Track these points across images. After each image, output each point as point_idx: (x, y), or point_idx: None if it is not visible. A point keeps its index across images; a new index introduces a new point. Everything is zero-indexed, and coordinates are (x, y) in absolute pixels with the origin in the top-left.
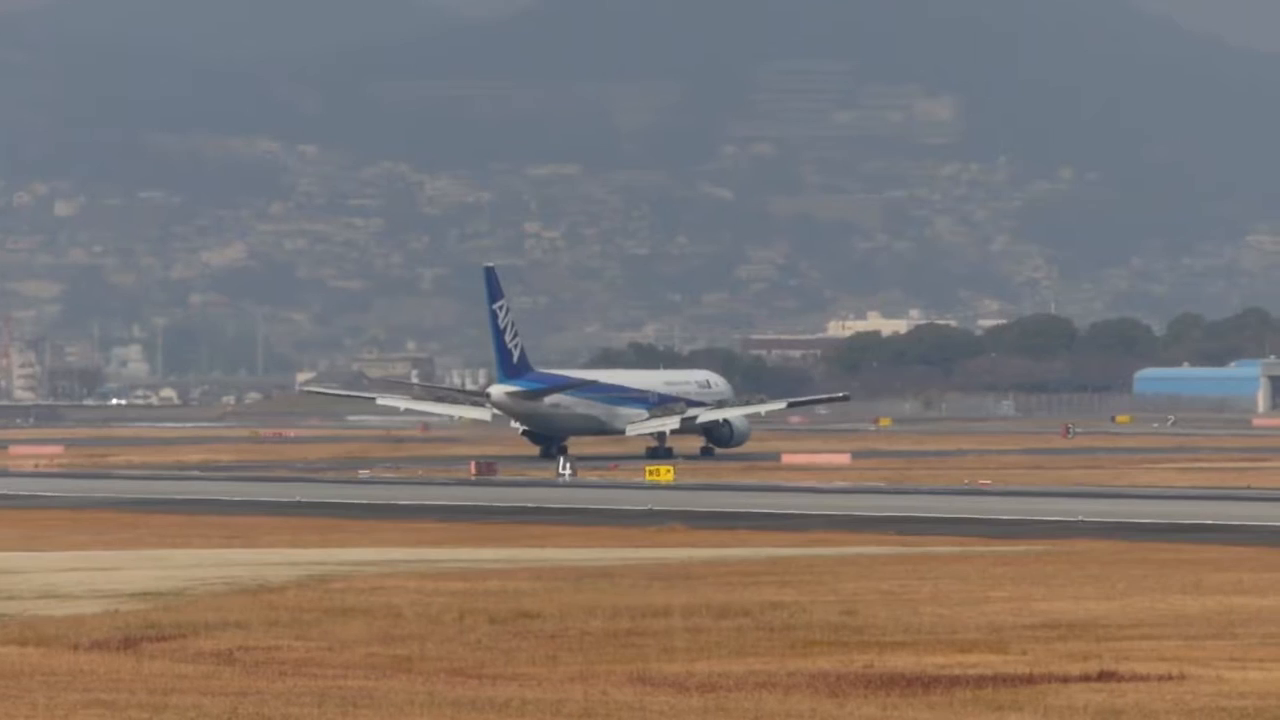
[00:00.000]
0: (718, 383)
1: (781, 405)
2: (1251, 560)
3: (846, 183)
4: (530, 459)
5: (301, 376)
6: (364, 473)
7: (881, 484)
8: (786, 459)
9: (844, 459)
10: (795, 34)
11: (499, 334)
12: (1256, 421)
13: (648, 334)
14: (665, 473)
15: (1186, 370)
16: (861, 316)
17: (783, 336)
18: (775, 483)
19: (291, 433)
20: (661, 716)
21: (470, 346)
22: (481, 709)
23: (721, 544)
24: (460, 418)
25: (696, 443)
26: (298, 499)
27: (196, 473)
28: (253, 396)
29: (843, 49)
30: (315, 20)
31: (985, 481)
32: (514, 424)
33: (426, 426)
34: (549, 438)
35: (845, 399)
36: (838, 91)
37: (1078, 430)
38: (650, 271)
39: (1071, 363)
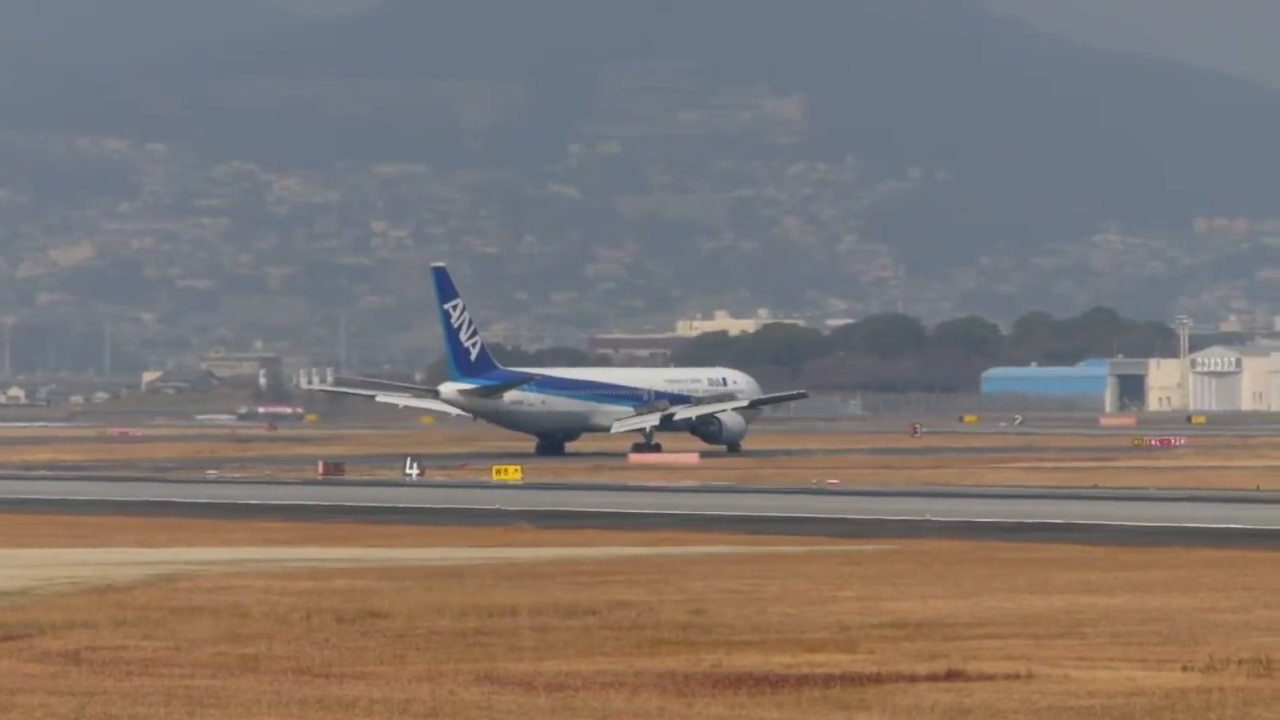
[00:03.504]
0: (737, 380)
1: (744, 404)
2: (1099, 560)
3: (694, 182)
4: (525, 456)
5: (148, 376)
6: (212, 473)
7: (729, 483)
8: (634, 458)
9: (692, 459)
10: (643, 33)
11: (452, 333)
12: (1104, 421)
13: (496, 333)
14: (513, 472)
15: (1034, 370)
16: (709, 316)
17: (630, 336)
18: (623, 482)
19: (139, 432)
20: (509, 716)
21: (318, 345)
22: (329, 708)
23: (569, 543)
24: (459, 415)
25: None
26: (145, 498)
27: (44, 472)
28: (100, 396)
29: (690, 48)
30: (164, 20)
31: (833, 481)
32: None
33: (444, 419)
34: (550, 436)
35: (804, 396)
36: (685, 91)
37: (925, 430)
38: (498, 271)
39: (919, 362)
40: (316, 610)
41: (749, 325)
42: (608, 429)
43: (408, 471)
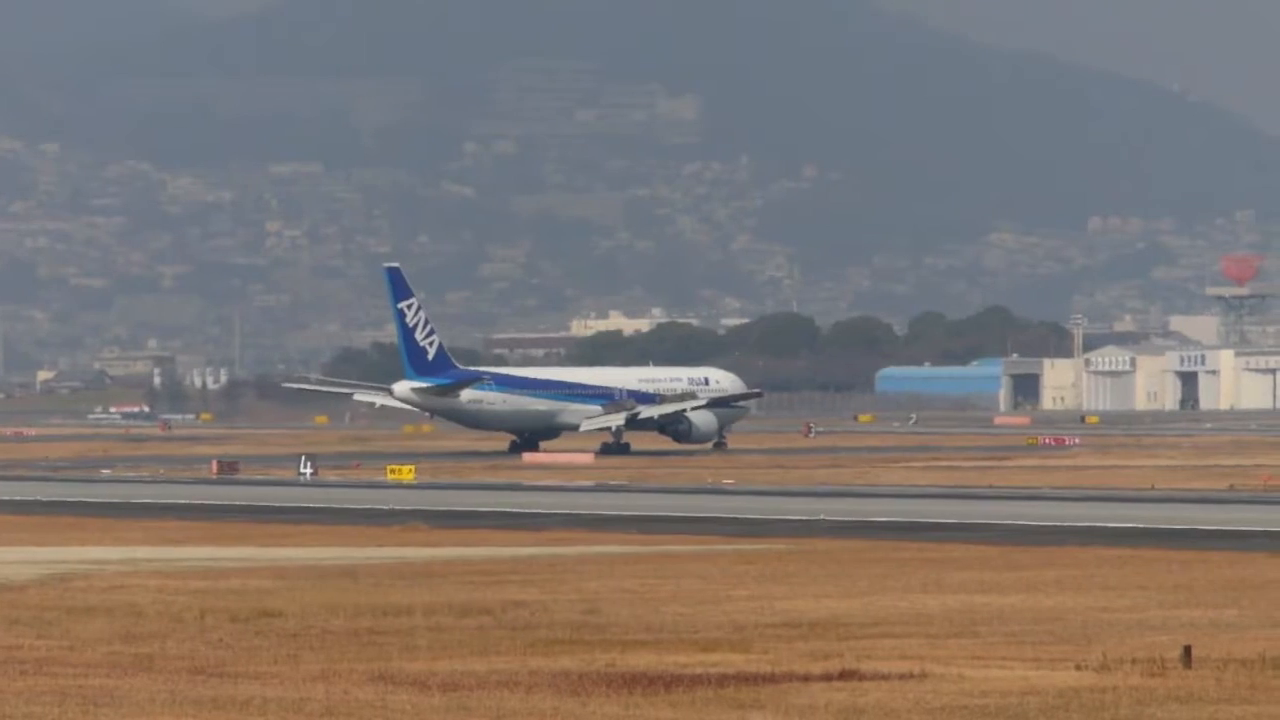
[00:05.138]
0: (721, 379)
1: (702, 403)
2: (993, 559)
3: (589, 181)
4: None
5: (42, 375)
6: (106, 472)
7: (623, 482)
8: (528, 457)
9: (587, 458)
10: (538, 32)
11: (407, 332)
12: (998, 420)
13: (389, 333)
14: (407, 472)
15: (928, 369)
16: (604, 315)
17: (525, 335)
18: (517, 481)
19: (32, 431)
20: (403, 715)
21: (212, 344)
22: (223, 707)
23: (463, 543)
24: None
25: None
26: (39, 498)
27: None
28: None
29: (586, 48)
30: (57, 19)
31: (727, 481)
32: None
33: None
34: (527, 435)
35: (759, 394)
36: (580, 90)
37: (820, 429)
38: None
39: (814, 362)
40: (211, 610)
41: (643, 325)
42: (577, 428)
43: (302, 471)
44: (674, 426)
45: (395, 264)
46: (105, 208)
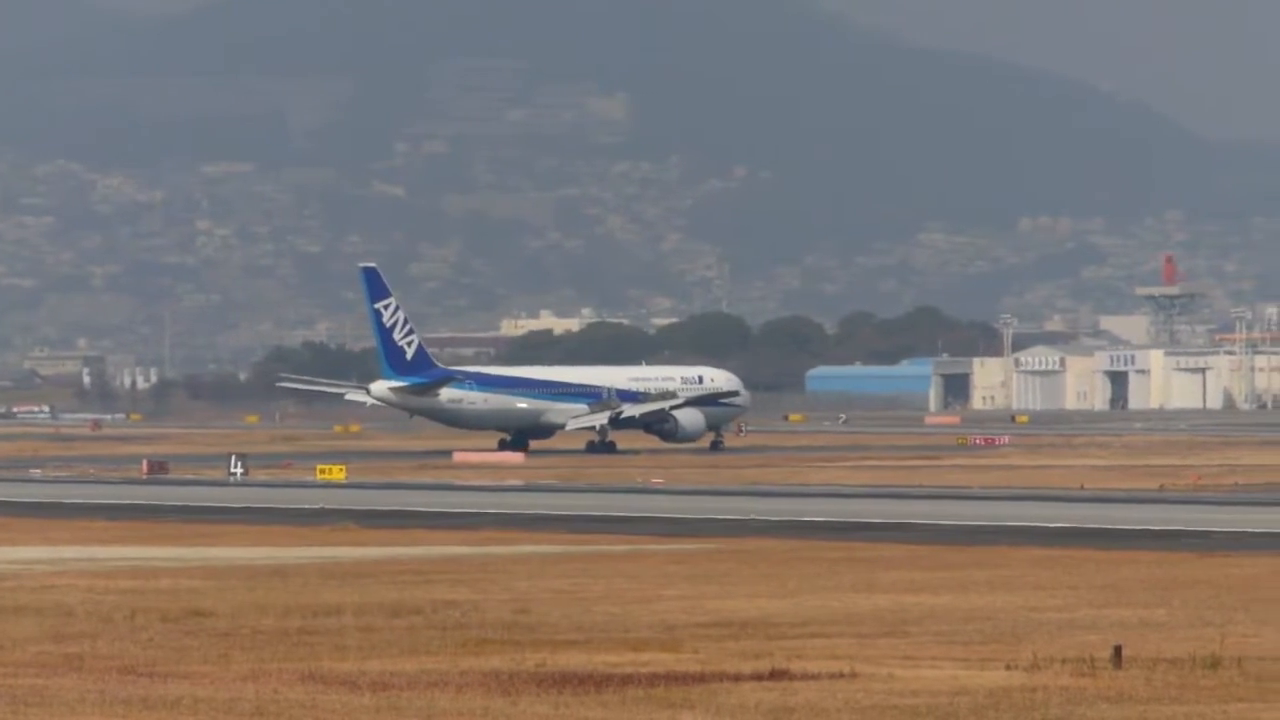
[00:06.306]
0: (716, 378)
1: (680, 401)
2: (923, 558)
3: (519, 181)
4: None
5: None
6: (36, 472)
7: (554, 482)
8: (459, 457)
9: (517, 458)
10: (468, 32)
11: (385, 332)
12: (929, 419)
13: (320, 331)
14: (337, 471)
15: (859, 369)
16: (534, 315)
17: (456, 335)
18: (448, 481)
19: None
20: (333, 715)
21: (142, 344)
22: (153, 707)
23: (394, 542)
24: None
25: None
26: None
27: None
28: None
29: (516, 47)
30: None
31: (657, 480)
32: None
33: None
34: (520, 433)
35: (736, 394)
36: (511, 90)
37: (750, 429)
38: (322, 269)
39: (744, 361)
40: (141, 609)
41: (573, 324)
42: (563, 427)
43: (232, 471)
44: (659, 425)
45: (372, 264)
46: (35, 207)
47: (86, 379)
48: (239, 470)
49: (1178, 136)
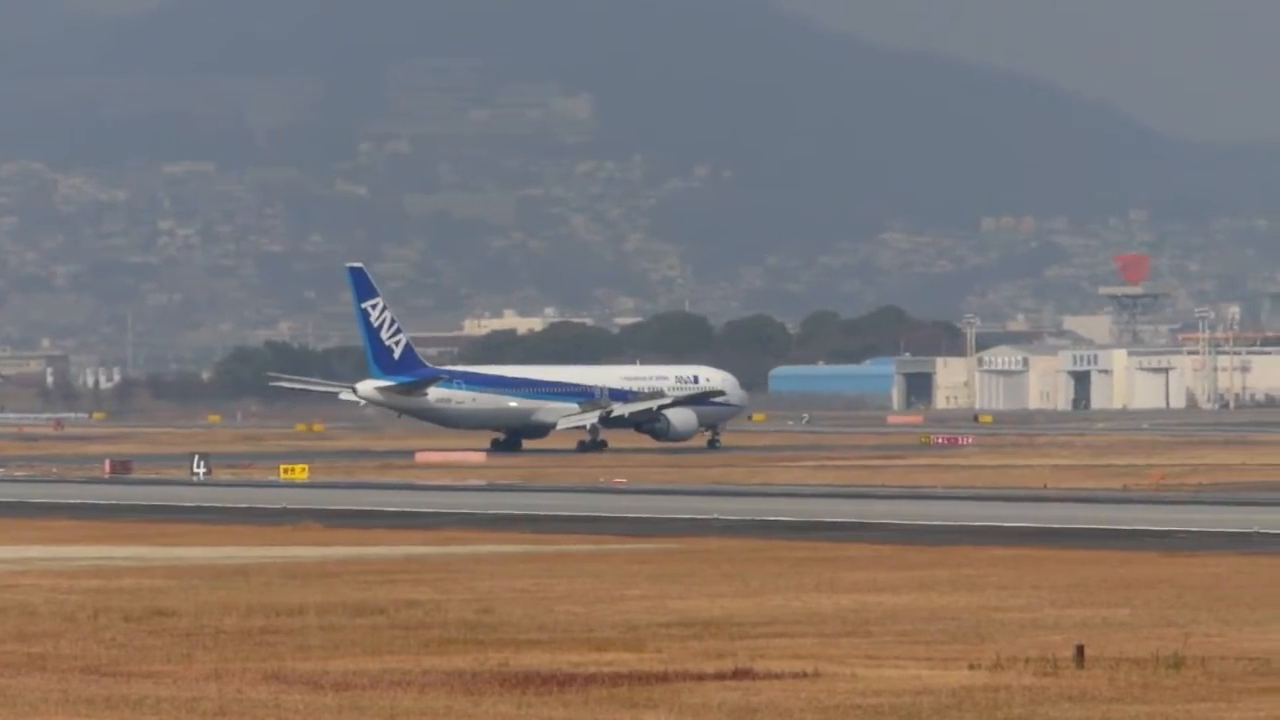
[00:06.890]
0: (712, 377)
1: (668, 400)
2: (887, 558)
3: (482, 181)
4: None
5: None
6: None
7: (516, 482)
8: (421, 457)
9: (479, 457)
10: (432, 31)
11: (372, 332)
12: (891, 419)
13: (282, 331)
14: (300, 471)
15: (821, 368)
16: (498, 314)
17: (419, 334)
18: (410, 481)
19: None
20: (296, 715)
21: (105, 344)
22: (116, 707)
23: (357, 542)
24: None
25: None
26: None
27: None
28: None
29: (480, 47)
30: None
31: (620, 480)
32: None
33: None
34: (513, 432)
35: (722, 393)
36: (474, 89)
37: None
38: (285, 269)
39: (707, 361)
40: (104, 609)
41: (536, 324)
42: (554, 426)
43: (195, 470)
44: (650, 424)
45: (359, 264)
46: None
47: (49, 379)
48: (202, 470)
49: (1141, 136)
